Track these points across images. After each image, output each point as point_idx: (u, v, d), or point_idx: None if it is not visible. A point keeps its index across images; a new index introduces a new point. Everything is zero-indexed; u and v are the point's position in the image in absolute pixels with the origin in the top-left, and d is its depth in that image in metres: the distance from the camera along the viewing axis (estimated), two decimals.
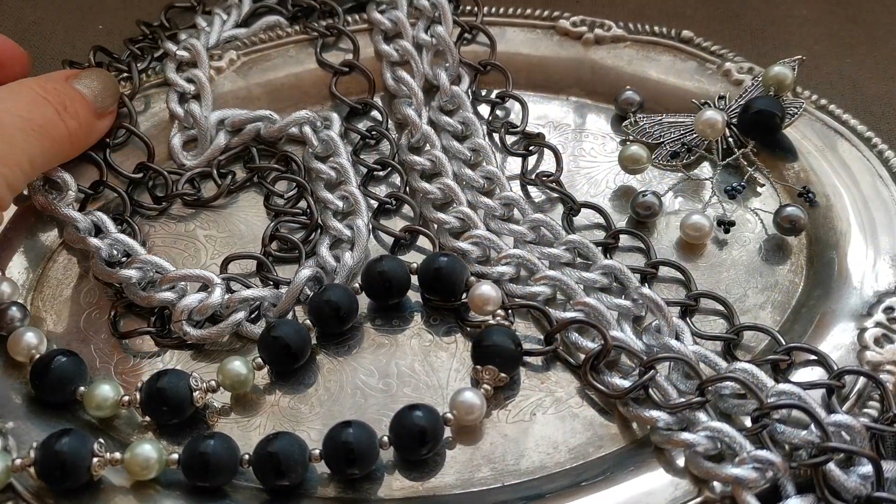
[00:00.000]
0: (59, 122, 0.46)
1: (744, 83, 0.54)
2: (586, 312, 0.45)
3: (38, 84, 0.47)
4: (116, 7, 0.64)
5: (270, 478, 0.40)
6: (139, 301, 0.46)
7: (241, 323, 0.45)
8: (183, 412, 0.42)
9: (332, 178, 0.51)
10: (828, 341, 0.44)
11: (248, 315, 0.46)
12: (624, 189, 0.52)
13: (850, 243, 0.47)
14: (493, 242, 0.48)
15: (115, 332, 0.46)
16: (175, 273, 0.46)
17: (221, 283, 0.46)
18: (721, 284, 0.48)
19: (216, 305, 0.45)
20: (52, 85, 0.47)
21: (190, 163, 0.52)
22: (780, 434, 0.39)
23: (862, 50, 0.60)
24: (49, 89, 0.47)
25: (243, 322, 0.45)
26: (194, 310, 0.45)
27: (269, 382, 0.45)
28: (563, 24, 0.58)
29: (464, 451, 0.42)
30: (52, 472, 0.38)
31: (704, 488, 0.39)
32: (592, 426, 0.43)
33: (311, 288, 0.47)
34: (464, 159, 0.52)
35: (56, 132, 0.46)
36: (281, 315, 0.46)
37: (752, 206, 0.50)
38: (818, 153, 0.51)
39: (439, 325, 0.46)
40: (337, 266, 0.47)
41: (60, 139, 0.46)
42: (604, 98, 0.56)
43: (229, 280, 0.47)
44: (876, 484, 0.37)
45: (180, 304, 0.45)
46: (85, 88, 0.49)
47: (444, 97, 0.55)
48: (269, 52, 0.57)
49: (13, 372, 0.44)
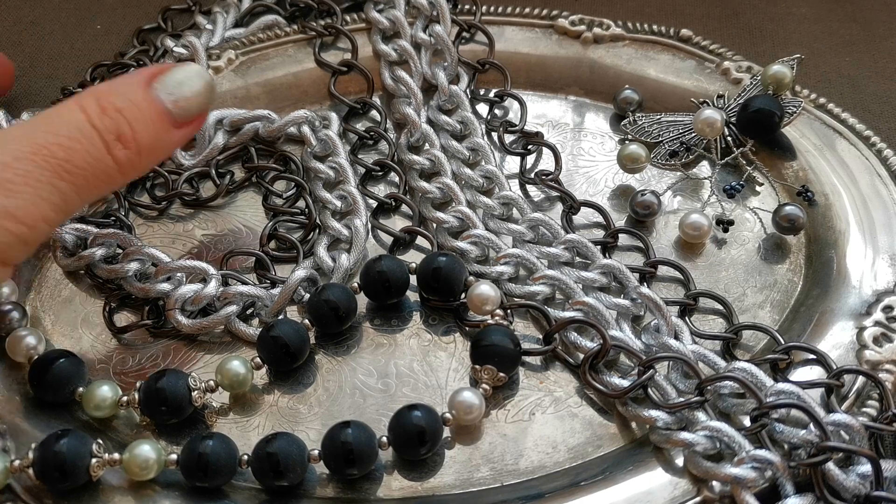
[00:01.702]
0: (104, 158, 0.38)
1: (742, 82, 0.54)
2: (585, 312, 0.45)
3: (95, 102, 0.38)
4: (115, 6, 0.64)
5: (269, 478, 0.40)
6: (136, 292, 0.46)
7: (232, 317, 0.45)
8: (182, 412, 0.42)
9: (331, 178, 0.51)
10: (827, 340, 0.44)
11: (240, 310, 0.46)
12: (623, 188, 0.52)
13: (848, 242, 0.47)
14: (492, 242, 0.48)
15: (110, 326, 0.46)
16: (172, 264, 0.46)
17: (217, 275, 0.46)
18: (720, 283, 0.48)
19: (210, 296, 0.45)
20: (116, 100, 0.39)
21: (188, 162, 0.52)
22: (779, 433, 0.39)
23: (861, 48, 0.60)
24: (108, 110, 0.38)
25: (234, 318, 0.45)
26: (189, 300, 0.45)
27: (268, 382, 0.45)
28: (562, 23, 0.58)
29: (463, 450, 0.42)
30: (51, 473, 0.38)
31: (703, 488, 0.39)
32: (591, 426, 0.43)
33: (306, 289, 0.47)
34: (462, 158, 0.52)
35: (99, 170, 0.38)
36: (276, 315, 0.46)
37: (750, 205, 0.50)
38: (817, 152, 0.51)
39: (438, 325, 0.46)
40: (334, 266, 0.47)
41: (105, 177, 0.38)
42: (602, 97, 0.56)
43: (226, 276, 0.47)
44: (875, 483, 0.37)
45: (175, 294, 0.45)
46: (167, 96, 0.40)
47: (443, 96, 0.55)
48: (267, 52, 0.57)
49: (12, 373, 0.44)
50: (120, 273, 0.46)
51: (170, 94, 0.40)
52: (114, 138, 0.38)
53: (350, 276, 0.48)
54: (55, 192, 0.36)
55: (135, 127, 0.39)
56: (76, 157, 0.37)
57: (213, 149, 0.53)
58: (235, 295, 0.46)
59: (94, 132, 0.38)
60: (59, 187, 0.36)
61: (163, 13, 0.61)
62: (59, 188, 0.36)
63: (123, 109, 0.38)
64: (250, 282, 0.47)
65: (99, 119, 0.38)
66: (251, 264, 0.49)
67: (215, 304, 0.46)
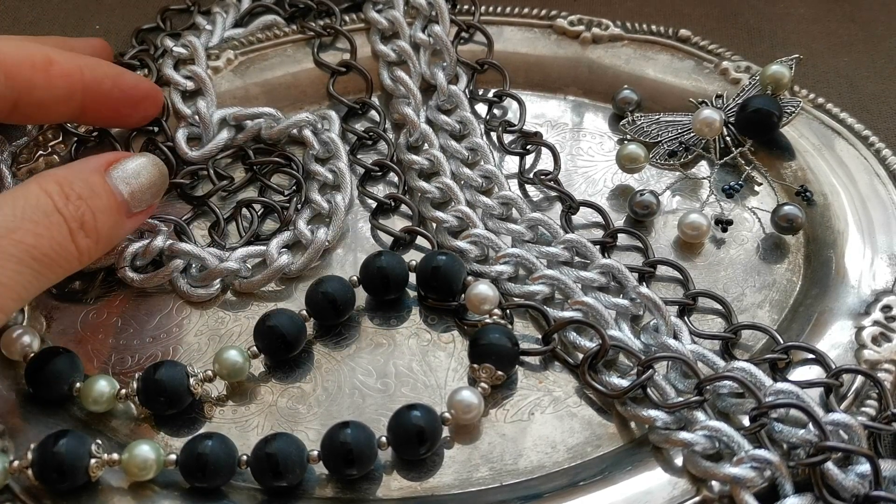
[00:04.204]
0: (68, 246, 0.38)
1: (741, 82, 0.54)
2: (584, 312, 0.45)
3: (59, 188, 0.39)
4: (113, 6, 0.64)
5: (268, 478, 0.40)
6: None
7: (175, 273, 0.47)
8: (181, 402, 0.42)
9: (330, 181, 0.51)
10: (825, 340, 0.44)
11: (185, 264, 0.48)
12: (622, 188, 0.52)
13: (847, 242, 0.47)
14: (491, 241, 0.48)
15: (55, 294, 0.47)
16: None
17: (168, 231, 0.48)
18: (719, 283, 0.48)
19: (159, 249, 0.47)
20: (78, 187, 0.39)
21: (193, 153, 0.52)
22: (778, 433, 0.39)
23: (859, 48, 0.60)
24: (72, 196, 0.39)
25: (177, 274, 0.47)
26: (139, 254, 0.47)
27: (268, 383, 0.45)
28: (561, 23, 0.58)
29: (462, 450, 0.42)
30: (50, 474, 0.38)
31: (702, 487, 0.39)
32: (591, 426, 0.43)
33: None
34: (462, 158, 0.52)
35: (61, 257, 0.38)
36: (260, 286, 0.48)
37: (749, 205, 0.51)
38: (815, 152, 0.51)
39: (437, 325, 0.46)
40: (312, 239, 0.48)
41: (66, 263, 0.39)
42: (601, 97, 0.56)
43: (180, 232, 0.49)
44: (874, 483, 0.37)
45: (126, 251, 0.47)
46: (123, 185, 0.41)
47: (442, 96, 0.55)
48: (266, 52, 0.57)
49: (9, 372, 0.44)
50: None
51: (127, 183, 0.41)
52: (78, 226, 0.39)
53: (327, 251, 0.49)
54: (22, 278, 0.37)
55: (97, 216, 0.39)
56: (43, 244, 0.37)
57: (217, 142, 0.52)
58: (182, 252, 0.47)
59: (61, 219, 0.38)
60: (24, 273, 0.37)
61: (162, 13, 0.61)
62: (24, 274, 0.37)
63: (86, 197, 0.39)
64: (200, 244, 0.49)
65: (64, 205, 0.38)
66: None
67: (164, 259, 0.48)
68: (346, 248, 0.50)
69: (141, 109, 0.50)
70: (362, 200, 0.52)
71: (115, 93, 0.47)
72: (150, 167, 0.43)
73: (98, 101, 0.47)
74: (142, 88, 0.49)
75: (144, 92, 0.49)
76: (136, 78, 0.50)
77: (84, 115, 0.48)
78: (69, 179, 0.39)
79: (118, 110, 0.49)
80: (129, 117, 0.50)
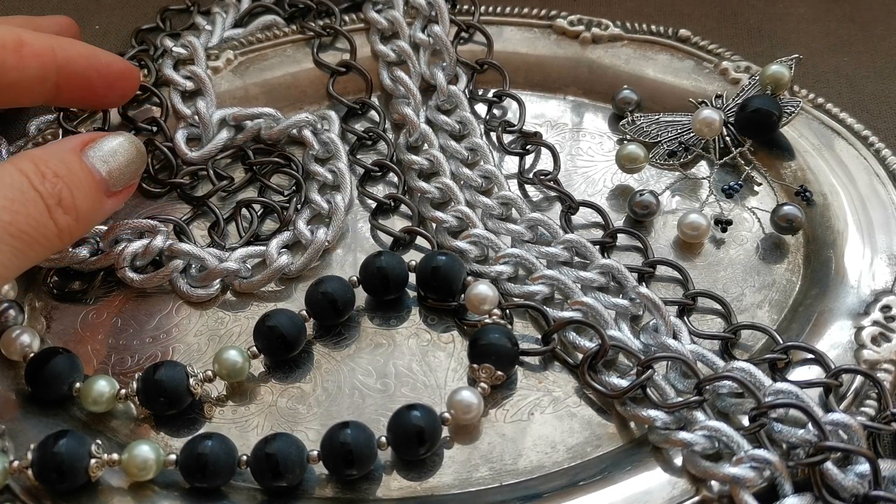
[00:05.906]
0: (46, 223, 0.38)
1: (741, 82, 0.54)
2: (584, 312, 0.45)
3: (34, 166, 0.38)
4: (113, 7, 0.64)
5: (268, 479, 0.40)
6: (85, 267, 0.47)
7: (175, 273, 0.47)
8: (181, 402, 0.42)
9: (330, 182, 0.51)
10: (825, 340, 0.44)
11: (185, 265, 0.47)
12: (621, 188, 0.52)
13: (847, 242, 0.47)
14: (491, 241, 0.48)
15: (55, 295, 0.47)
16: (127, 221, 0.47)
17: (168, 231, 0.48)
18: (718, 283, 0.48)
19: (158, 249, 0.47)
20: (54, 165, 0.39)
21: (192, 154, 0.52)
22: (778, 433, 0.39)
23: (859, 48, 0.60)
24: (47, 175, 0.38)
25: (177, 274, 0.47)
26: (139, 254, 0.47)
27: (268, 383, 0.45)
28: (561, 23, 0.58)
29: (462, 450, 0.42)
30: (50, 474, 0.38)
31: (702, 487, 0.39)
32: (590, 426, 0.43)
33: None
34: (461, 158, 0.52)
35: (40, 234, 0.38)
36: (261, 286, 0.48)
37: (749, 205, 0.51)
38: (815, 152, 0.51)
39: (437, 325, 0.46)
40: (311, 239, 0.48)
41: (45, 241, 0.38)
42: (601, 97, 0.56)
43: (179, 232, 0.49)
44: (873, 483, 0.37)
45: (125, 251, 0.47)
46: (101, 164, 0.41)
47: (442, 96, 0.55)
48: (266, 52, 0.57)
49: (9, 372, 0.44)
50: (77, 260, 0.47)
51: (104, 162, 0.41)
52: (55, 203, 0.38)
53: (327, 252, 0.49)
54: (1, 254, 0.36)
55: (74, 193, 0.39)
56: (20, 220, 0.37)
57: (217, 142, 0.52)
58: (182, 253, 0.47)
59: (38, 195, 0.38)
60: (3, 251, 0.36)
61: (161, 13, 0.61)
62: (2, 251, 0.36)
63: (62, 175, 0.39)
64: (200, 244, 0.49)
65: (40, 182, 0.38)
66: None
67: (163, 259, 0.48)
68: (346, 248, 0.50)
69: (117, 89, 0.49)
70: (362, 200, 0.52)
71: (89, 72, 0.46)
72: (127, 146, 0.42)
73: (73, 81, 0.46)
74: (117, 67, 0.48)
75: (119, 71, 0.48)
76: (111, 57, 0.48)
77: (60, 97, 0.47)
78: (44, 158, 0.39)
79: (94, 90, 0.47)
80: (105, 97, 0.49)
